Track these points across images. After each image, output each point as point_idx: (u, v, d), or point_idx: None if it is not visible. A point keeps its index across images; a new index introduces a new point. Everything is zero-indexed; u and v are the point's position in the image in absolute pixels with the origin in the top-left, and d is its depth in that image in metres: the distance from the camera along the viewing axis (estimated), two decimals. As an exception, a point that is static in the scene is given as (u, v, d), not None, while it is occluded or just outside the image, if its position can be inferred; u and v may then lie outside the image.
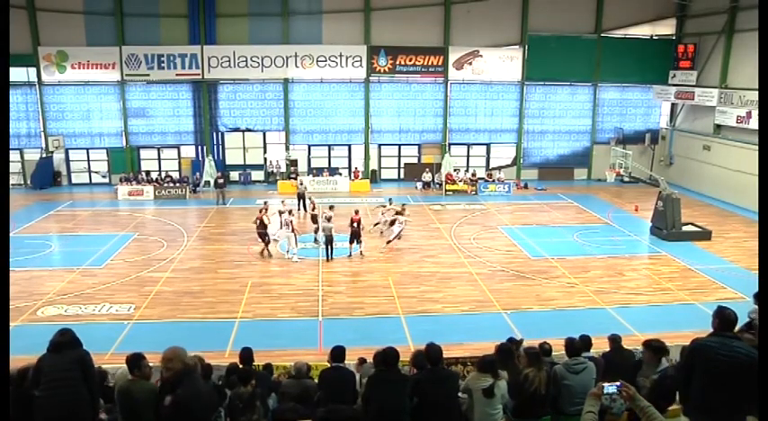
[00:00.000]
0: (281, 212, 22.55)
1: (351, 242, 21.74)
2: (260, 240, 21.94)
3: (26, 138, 34.07)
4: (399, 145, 36.55)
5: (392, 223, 23.23)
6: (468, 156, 36.88)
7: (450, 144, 36.29)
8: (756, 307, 8.02)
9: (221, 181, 31.46)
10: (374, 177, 35.94)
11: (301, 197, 28.59)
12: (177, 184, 32.74)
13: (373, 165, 36.50)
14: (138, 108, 34.65)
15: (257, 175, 35.97)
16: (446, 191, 33.21)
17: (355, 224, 21.54)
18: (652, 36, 35.80)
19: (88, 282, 19.13)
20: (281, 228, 22.17)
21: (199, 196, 32.25)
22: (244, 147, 35.91)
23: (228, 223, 26.72)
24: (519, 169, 36.90)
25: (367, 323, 16.24)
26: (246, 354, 8.78)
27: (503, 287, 18.92)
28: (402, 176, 36.76)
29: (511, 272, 20.28)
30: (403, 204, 25.00)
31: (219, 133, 35.59)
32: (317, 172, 34.87)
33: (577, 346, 7.59)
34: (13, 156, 33.60)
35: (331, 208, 22.84)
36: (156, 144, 35.37)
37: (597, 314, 16.80)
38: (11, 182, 33.37)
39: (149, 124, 34.89)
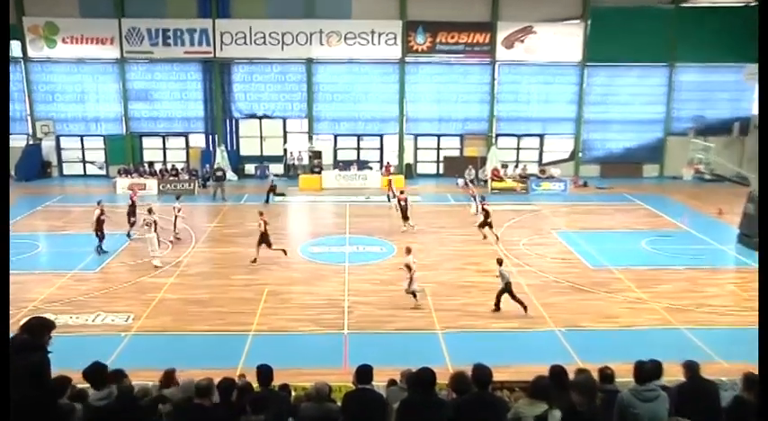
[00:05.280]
0: (149, 211, 22.22)
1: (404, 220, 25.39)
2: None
3: (11, 122, 34.19)
4: (438, 135, 36.49)
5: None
6: (517, 148, 36.66)
7: (497, 135, 36.09)
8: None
9: (219, 174, 31.81)
10: (409, 172, 35.89)
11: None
12: (185, 178, 33.25)
13: (408, 159, 36.47)
14: (139, 90, 35.23)
15: (276, 169, 36.22)
16: (492, 189, 32.97)
17: (402, 202, 25.29)
18: (748, 3, 34.15)
19: (80, 288, 19.45)
20: (143, 227, 22.00)
21: (209, 191, 32.57)
22: (261, 137, 36.25)
23: (243, 222, 26.93)
24: (577, 164, 36.52)
25: (399, 339, 16.19)
26: (264, 373, 8.64)
27: (557, 301, 18.72)
28: (441, 172, 36.65)
29: (566, 283, 20.05)
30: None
31: (233, 120, 35.97)
32: (344, 165, 34.96)
33: (649, 371, 7.41)
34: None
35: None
36: (161, 131, 35.90)
37: (670, 335, 16.44)
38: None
39: (153, 109, 35.44)
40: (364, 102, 35.68)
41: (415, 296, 18.18)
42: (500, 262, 18.20)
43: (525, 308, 17.71)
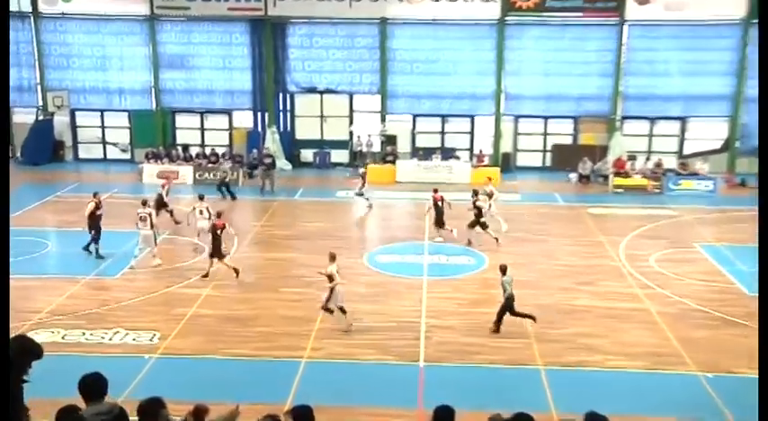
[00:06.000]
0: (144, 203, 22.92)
1: (438, 226, 25.19)
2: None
3: (17, 92, 35.54)
4: (546, 117, 36.24)
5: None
6: (650, 135, 36.12)
7: (622, 117, 35.59)
8: None
9: (268, 161, 32.34)
10: (506, 164, 35.70)
11: None
12: (227, 166, 33.75)
13: (506, 147, 36.28)
14: (173, 56, 36.17)
15: (339, 156, 36.65)
16: (614, 186, 32.60)
17: (439, 203, 25.17)
18: None
19: (97, 299, 20.04)
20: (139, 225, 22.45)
21: (256, 182, 33.03)
22: (321, 116, 36.68)
23: (297, 222, 27.29)
24: (733, 157, 35.56)
25: (488, 375, 16.10)
26: (302, 416, 8.64)
27: (700, 336, 18.22)
28: (548, 164, 36.31)
29: (714, 313, 19.51)
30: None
31: (288, 95, 36.50)
32: (425, 154, 35.02)
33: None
34: None
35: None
36: (198, 107, 36.80)
37: None
38: None
39: (189, 79, 36.35)
40: (452, 74, 35.64)
41: (331, 312, 18.05)
42: (503, 269, 18.04)
43: (497, 329, 17.93)
